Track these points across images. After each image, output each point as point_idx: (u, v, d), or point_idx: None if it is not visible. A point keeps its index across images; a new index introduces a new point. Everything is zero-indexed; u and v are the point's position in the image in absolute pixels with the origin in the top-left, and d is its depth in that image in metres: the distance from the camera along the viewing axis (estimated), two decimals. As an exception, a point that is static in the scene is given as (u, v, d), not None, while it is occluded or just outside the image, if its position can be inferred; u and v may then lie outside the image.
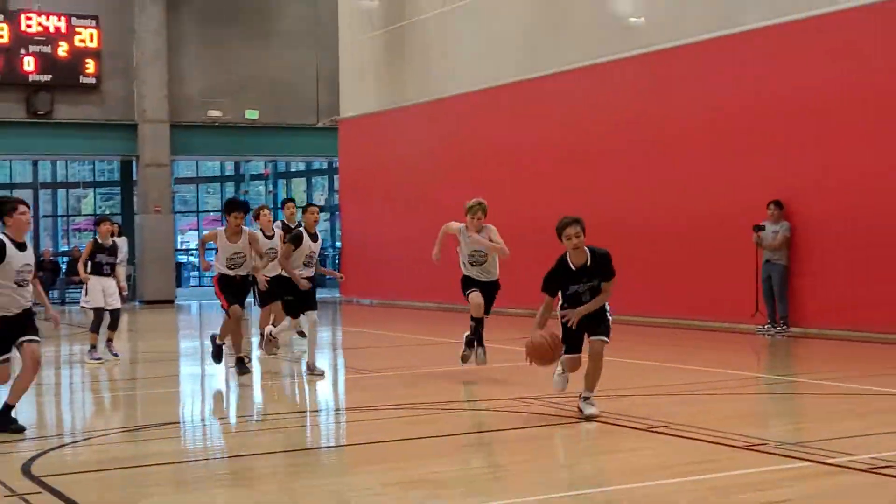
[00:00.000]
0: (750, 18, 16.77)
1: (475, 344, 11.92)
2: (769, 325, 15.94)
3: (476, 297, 11.83)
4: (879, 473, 6.73)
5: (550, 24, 21.17)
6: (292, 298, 12.57)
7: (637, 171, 18.37)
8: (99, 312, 14.44)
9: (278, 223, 15.61)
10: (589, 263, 8.73)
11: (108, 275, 14.86)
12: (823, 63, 15.54)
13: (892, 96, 14.53)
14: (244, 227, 12.48)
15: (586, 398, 8.85)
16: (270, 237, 14.54)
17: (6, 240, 8.64)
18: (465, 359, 11.96)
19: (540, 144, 20.55)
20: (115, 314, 14.72)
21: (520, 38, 21.79)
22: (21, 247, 8.77)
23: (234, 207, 12.42)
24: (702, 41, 17.59)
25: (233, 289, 12.44)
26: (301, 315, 12.61)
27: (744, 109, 16.65)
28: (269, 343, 13.76)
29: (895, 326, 14.30)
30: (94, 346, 14.39)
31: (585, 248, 8.72)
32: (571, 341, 8.93)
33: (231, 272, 12.38)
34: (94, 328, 14.48)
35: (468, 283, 12.06)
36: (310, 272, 12.63)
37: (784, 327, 15.77)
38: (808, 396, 10.78)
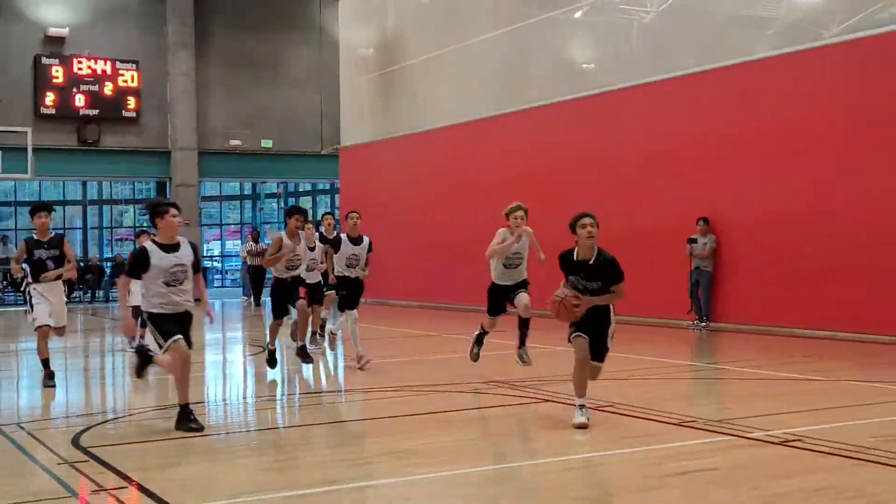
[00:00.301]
0: (681, 66, 16.83)
1: (483, 342, 10.86)
2: (697, 322, 16.00)
3: (524, 297, 10.32)
4: (790, 446, 6.78)
5: (517, 69, 21.22)
6: (346, 293, 12.14)
7: (590, 193, 18.33)
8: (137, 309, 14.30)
9: (316, 234, 13.95)
10: (592, 262, 7.68)
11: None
12: (740, 104, 15.60)
13: (794, 133, 14.59)
14: (301, 232, 11.54)
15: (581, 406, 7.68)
16: (312, 248, 12.91)
17: (150, 245, 7.90)
18: (474, 356, 10.85)
19: (507, 170, 20.56)
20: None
21: (491, 81, 21.80)
22: (171, 248, 7.89)
23: (294, 212, 11.42)
24: (642, 84, 17.62)
25: (283, 292, 11.48)
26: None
27: (677, 141, 16.70)
28: (332, 339, 13.65)
29: (800, 322, 14.36)
30: (133, 338, 14.23)
31: (595, 246, 7.74)
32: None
33: (286, 274, 11.41)
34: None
35: (498, 292, 10.60)
36: (355, 273, 12.09)
37: (708, 323, 15.84)
38: (729, 381, 10.82)
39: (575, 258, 7.77)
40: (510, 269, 10.36)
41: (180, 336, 7.88)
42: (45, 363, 10.82)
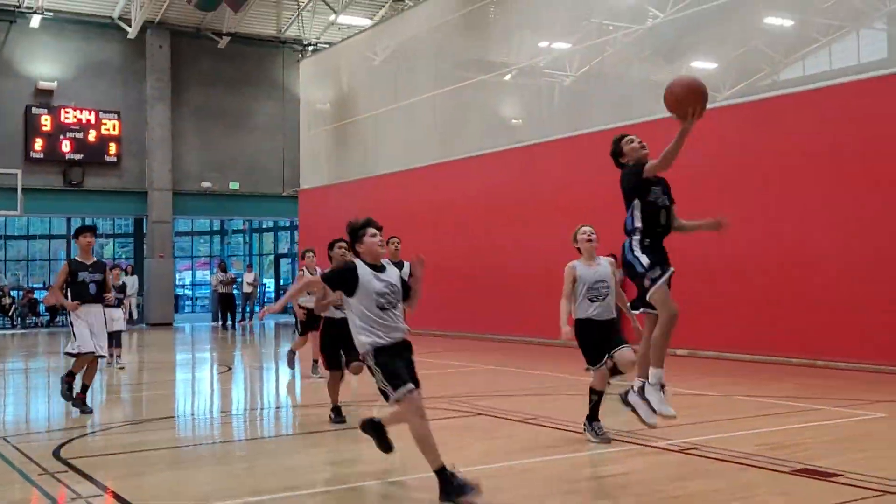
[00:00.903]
0: (597, 123, 17.04)
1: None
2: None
3: (627, 353, 7.43)
4: (688, 454, 6.84)
5: (455, 124, 21.37)
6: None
7: (515, 232, 18.50)
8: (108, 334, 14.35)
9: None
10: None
11: (115, 306, 14.64)
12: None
13: (689, 186, 14.81)
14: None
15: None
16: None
17: (359, 262, 5.98)
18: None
19: (446, 211, 20.64)
20: (118, 335, 14.47)
21: (433, 133, 21.93)
22: (378, 269, 5.98)
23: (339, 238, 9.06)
24: (562, 139, 17.82)
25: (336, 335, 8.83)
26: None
27: (589, 189, 16.83)
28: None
29: (696, 343, 14.52)
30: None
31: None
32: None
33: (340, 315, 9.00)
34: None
35: (590, 329, 7.48)
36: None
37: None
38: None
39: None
40: (595, 302, 7.61)
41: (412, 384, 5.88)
42: (84, 389, 9.56)
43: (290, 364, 13.23)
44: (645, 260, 6.60)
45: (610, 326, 7.48)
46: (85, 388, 9.59)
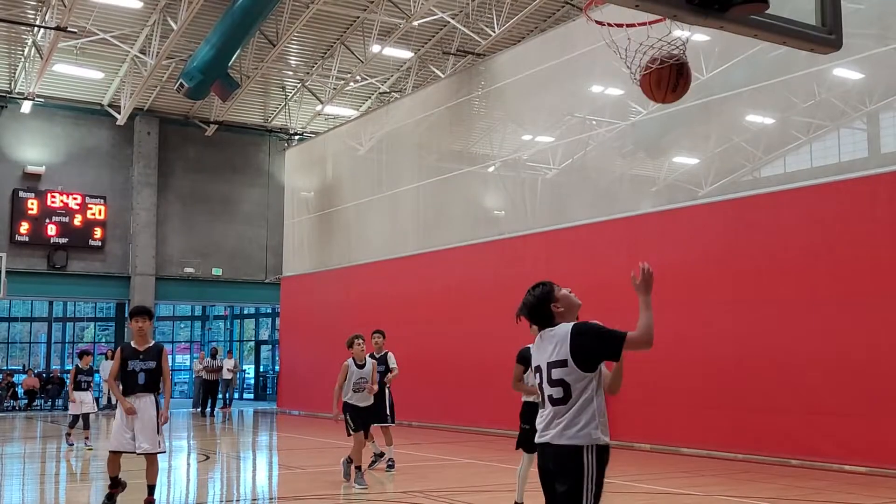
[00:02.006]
0: (578, 217, 17.20)
1: None
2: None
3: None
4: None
5: (437, 214, 21.53)
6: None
7: (496, 322, 18.35)
8: (77, 416, 15.85)
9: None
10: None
11: (85, 389, 15.91)
12: (628, 252, 15.93)
13: (672, 278, 14.90)
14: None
15: None
16: (361, 366, 10.96)
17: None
18: None
19: (429, 301, 20.62)
20: (86, 417, 15.90)
21: (414, 223, 22.06)
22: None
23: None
24: (544, 231, 17.93)
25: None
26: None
27: (570, 282, 16.90)
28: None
29: (679, 441, 14.38)
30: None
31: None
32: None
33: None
34: (72, 425, 16.03)
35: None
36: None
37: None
38: (616, 493, 10.71)
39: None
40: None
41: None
42: (113, 481, 8.62)
43: (348, 475, 10.81)
44: None
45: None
46: (151, 489, 8.39)
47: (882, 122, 17.56)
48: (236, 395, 27.79)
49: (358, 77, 27.66)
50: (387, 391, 12.21)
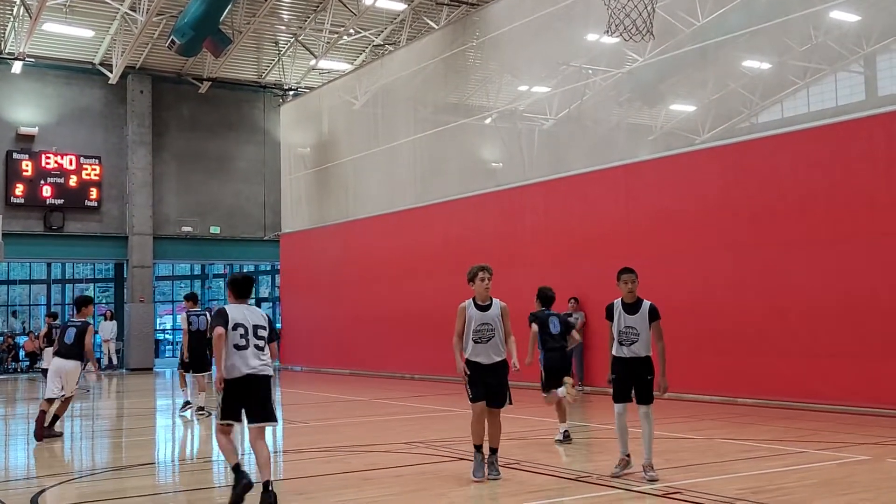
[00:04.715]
0: (575, 166, 17.19)
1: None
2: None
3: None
4: (672, 498, 6.80)
5: (434, 167, 21.49)
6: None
7: (497, 271, 18.46)
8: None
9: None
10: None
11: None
12: (625, 200, 15.96)
13: (670, 225, 14.94)
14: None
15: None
16: (485, 308, 8.03)
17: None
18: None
19: (426, 254, 20.67)
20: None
21: (411, 177, 22.03)
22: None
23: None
24: (542, 181, 17.94)
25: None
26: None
27: (567, 231, 16.94)
28: None
29: (675, 387, 14.48)
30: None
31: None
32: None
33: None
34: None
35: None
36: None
37: (582, 387, 15.87)
38: (606, 440, 10.82)
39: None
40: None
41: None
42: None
43: (480, 473, 7.83)
44: None
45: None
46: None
47: (879, 64, 17.43)
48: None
49: (351, 30, 27.39)
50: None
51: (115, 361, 26.79)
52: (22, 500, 7.25)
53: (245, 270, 35.64)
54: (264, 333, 7.06)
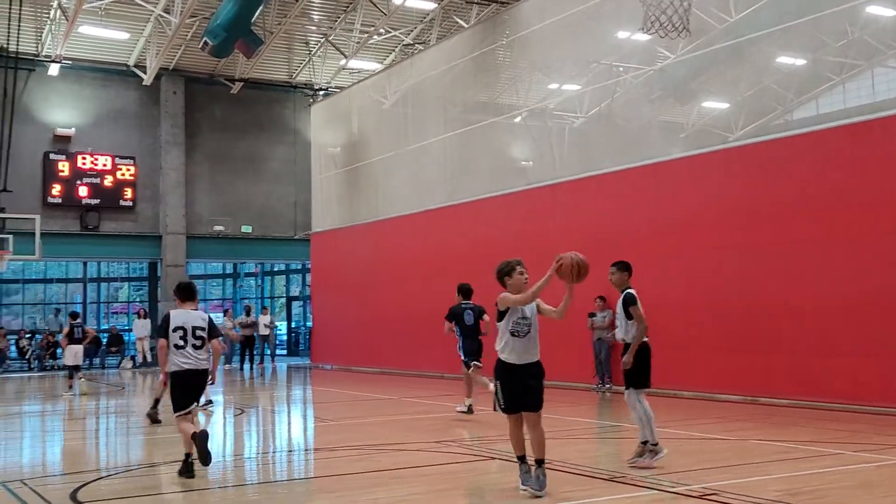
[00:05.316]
0: (606, 164, 17.04)
1: None
2: (600, 384, 15.94)
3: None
4: (708, 499, 6.69)
5: (463, 167, 21.42)
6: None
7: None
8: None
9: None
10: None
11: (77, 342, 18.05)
12: (656, 199, 15.79)
13: (700, 223, 14.76)
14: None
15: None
16: None
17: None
18: None
19: (456, 253, 20.59)
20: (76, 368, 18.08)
21: (441, 176, 21.98)
22: None
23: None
24: (571, 180, 17.79)
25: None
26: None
27: (597, 230, 16.78)
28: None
29: (705, 386, 14.36)
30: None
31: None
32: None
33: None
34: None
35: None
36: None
37: (609, 386, 15.75)
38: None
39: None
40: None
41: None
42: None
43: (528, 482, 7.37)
44: None
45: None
46: None
47: (918, 59, 17.12)
48: (267, 351, 28.00)
49: (381, 30, 27.42)
50: None
51: (149, 358, 26.98)
52: (61, 495, 7.30)
53: (276, 269, 35.84)
54: (202, 334, 8.14)
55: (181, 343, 8.04)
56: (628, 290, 8.38)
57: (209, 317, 8.44)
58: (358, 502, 6.96)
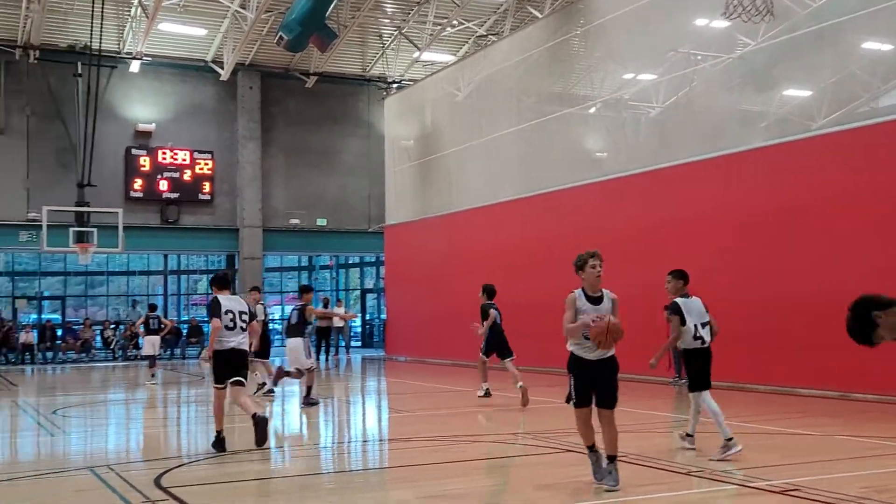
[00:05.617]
0: (683, 154, 16.77)
1: None
2: (677, 378, 15.70)
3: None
4: (790, 495, 6.55)
5: (537, 158, 21.30)
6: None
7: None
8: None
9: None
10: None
11: (154, 333, 18.66)
12: (736, 188, 15.49)
13: (783, 214, 14.40)
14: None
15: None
16: (596, 300, 7.05)
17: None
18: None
19: (529, 245, 20.53)
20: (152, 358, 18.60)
21: (514, 168, 21.89)
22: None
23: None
24: (648, 171, 17.57)
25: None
26: None
27: (674, 221, 16.57)
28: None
29: (786, 381, 14.05)
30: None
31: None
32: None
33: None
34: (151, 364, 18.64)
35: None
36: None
37: (685, 380, 15.45)
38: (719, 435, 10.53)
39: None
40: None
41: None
42: None
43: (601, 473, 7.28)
44: None
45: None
46: None
47: None
48: (342, 343, 28.35)
49: (455, 21, 27.44)
50: None
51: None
52: (146, 480, 7.52)
53: (350, 262, 36.21)
54: (247, 318, 9.13)
55: (231, 325, 8.96)
56: (676, 299, 8.72)
57: (246, 303, 9.54)
58: (433, 493, 7.01)
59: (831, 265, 13.60)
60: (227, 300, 9.13)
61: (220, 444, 9.08)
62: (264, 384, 15.45)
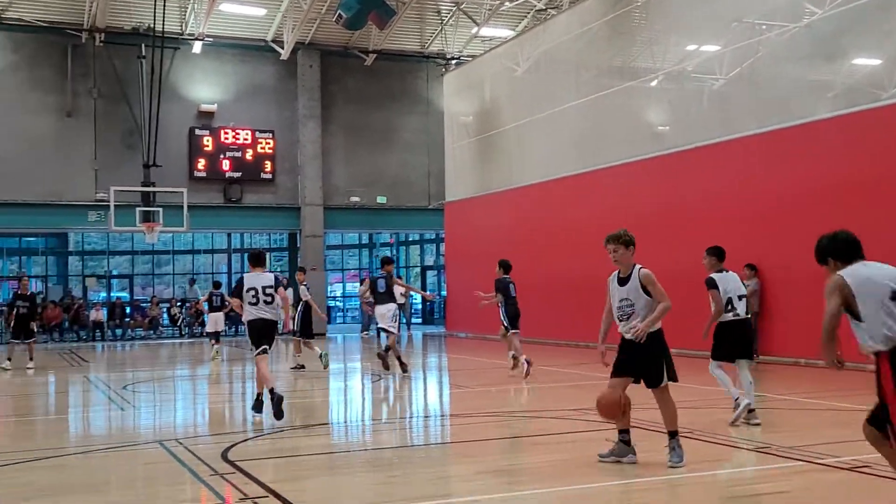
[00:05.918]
0: (748, 127, 16.49)
1: None
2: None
3: None
4: (859, 472, 6.49)
5: (597, 133, 21.10)
6: None
7: (660, 240, 18.06)
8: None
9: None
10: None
11: (217, 310, 19.72)
12: (803, 162, 15.20)
13: (851, 188, 14.09)
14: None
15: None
16: (624, 280, 7.21)
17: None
18: None
19: (590, 220, 20.39)
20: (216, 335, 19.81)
21: (576, 143, 21.74)
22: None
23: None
24: (711, 144, 17.33)
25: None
26: None
27: (738, 195, 16.32)
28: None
29: (843, 355, 13.72)
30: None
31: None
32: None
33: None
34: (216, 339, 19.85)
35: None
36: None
37: (755, 356, 15.28)
38: (787, 411, 10.44)
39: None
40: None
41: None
42: None
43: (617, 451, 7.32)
44: None
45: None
46: None
47: None
48: (403, 320, 28.54)
49: (513, -4, 27.23)
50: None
51: (291, 326, 27.98)
52: (213, 454, 7.73)
53: (410, 239, 36.39)
54: (271, 291, 9.88)
55: (254, 301, 9.80)
56: (712, 275, 9.12)
57: (275, 276, 10.25)
58: (495, 468, 7.08)
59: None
60: (251, 278, 9.93)
61: (258, 405, 9.96)
62: (303, 366, 16.33)
